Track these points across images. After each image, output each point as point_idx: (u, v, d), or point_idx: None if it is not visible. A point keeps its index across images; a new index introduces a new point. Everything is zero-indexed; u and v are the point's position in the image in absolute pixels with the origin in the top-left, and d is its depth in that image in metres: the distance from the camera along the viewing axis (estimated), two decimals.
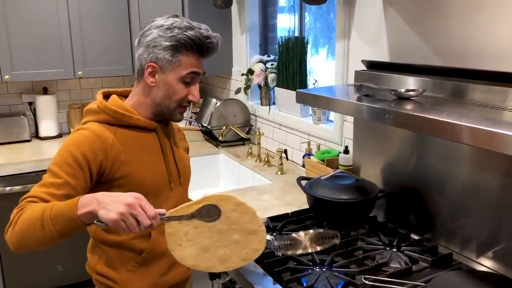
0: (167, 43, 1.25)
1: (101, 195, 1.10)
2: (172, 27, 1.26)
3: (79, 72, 2.99)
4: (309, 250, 1.38)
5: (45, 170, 1.26)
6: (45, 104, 3.11)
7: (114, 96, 1.36)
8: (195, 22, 1.29)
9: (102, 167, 1.26)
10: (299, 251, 1.38)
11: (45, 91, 3.19)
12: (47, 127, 3.14)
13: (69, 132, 3.31)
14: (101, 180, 1.28)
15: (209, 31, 1.29)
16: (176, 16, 1.31)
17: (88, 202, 1.09)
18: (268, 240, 1.34)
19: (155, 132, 1.37)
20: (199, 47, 1.27)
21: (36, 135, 3.18)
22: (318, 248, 1.38)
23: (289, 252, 1.39)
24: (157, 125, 1.37)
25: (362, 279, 1.30)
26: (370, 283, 1.29)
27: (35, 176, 2.65)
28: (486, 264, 1.43)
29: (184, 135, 1.58)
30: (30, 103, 3.19)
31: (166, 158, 1.38)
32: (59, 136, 3.19)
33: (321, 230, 1.45)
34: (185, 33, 1.25)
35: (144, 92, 1.33)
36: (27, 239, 1.12)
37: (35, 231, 1.10)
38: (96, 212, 1.07)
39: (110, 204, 1.06)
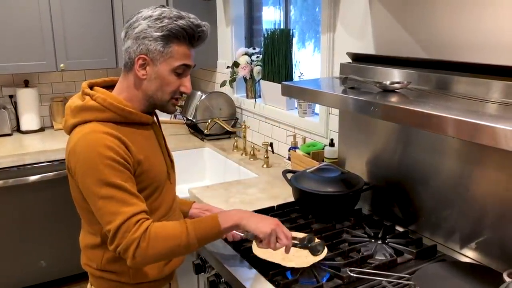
0: (158, 34, 1.22)
1: (243, 213, 1.29)
2: (161, 17, 1.22)
3: (62, 65, 2.93)
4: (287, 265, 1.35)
5: (26, 165, 1.22)
6: (26, 97, 3.05)
7: (105, 91, 1.30)
8: (183, 12, 1.26)
9: (131, 166, 1.24)
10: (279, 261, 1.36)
11: (26, 84, 3.13)
12: (29, 120, 3.08)
13: (52, 126, 3.25)
14: None
15: (198, 20, 1.27)
16: (163, 6, 1.27)
17: (232, 218, 1.27)
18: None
19: (150, 126, 1.36)
20: (190, 36, 1.25)
21: (17, 129, 3.12)
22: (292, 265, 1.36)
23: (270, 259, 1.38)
24: (153, 119, 1.36)
25: (348, 271, 1.30)
26: (355, 275, 1.29)
27: (16, 171, 2.59)
28: (469, 255, 1.45)
29: None
30: (10, 96, 3.12)
31: (163, 150, 1.39)
32: (41, 130, 3.14)
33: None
34: (176, 22, 1.22)
35: (135, 85, 1.29)
36: (169, 256, 1.32)
37: (179, 249, 1.22)
38: (243, 225, 1.27)
39: (261, 222, 1.27)
